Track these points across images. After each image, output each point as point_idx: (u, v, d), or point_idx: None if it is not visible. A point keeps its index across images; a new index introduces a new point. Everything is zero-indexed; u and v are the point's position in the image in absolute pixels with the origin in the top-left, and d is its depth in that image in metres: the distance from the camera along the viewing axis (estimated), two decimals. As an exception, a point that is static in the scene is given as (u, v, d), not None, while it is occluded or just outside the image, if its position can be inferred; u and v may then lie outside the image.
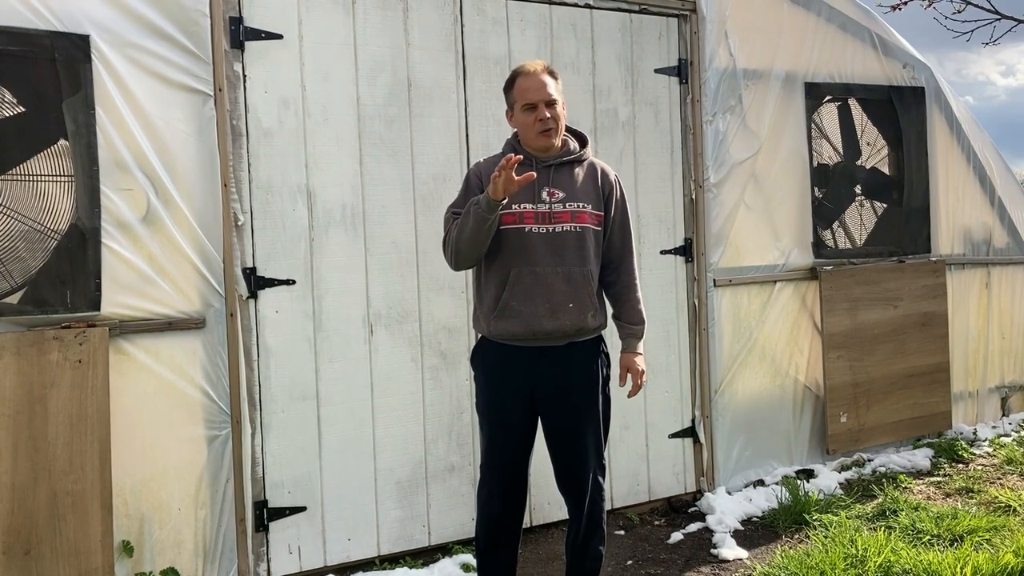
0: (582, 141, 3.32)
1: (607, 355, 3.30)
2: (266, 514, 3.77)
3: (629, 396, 3.32)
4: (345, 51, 3.91)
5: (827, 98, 5.41)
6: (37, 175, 3.33)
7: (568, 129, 3.31)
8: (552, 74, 3.18)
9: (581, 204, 3.17)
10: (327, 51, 3.86)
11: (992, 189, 6.12)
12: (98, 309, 3.39)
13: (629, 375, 3.31)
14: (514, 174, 2.88)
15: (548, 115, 3.10)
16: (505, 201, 2.97)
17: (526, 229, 3.10)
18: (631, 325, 3.33)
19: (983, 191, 6.10)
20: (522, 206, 3.11)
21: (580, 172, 3.23)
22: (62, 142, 3.35)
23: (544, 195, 3.14)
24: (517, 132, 3.24)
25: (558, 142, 3.19)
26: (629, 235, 3.34)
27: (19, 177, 3.31)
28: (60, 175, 3.36)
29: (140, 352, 3.49)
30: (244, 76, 3.70)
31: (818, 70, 5.29)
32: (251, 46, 3.71)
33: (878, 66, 5.55)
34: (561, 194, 3.15)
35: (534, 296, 3.09)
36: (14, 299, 3.29)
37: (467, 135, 4.19)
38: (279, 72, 3.77)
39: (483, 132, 4.22)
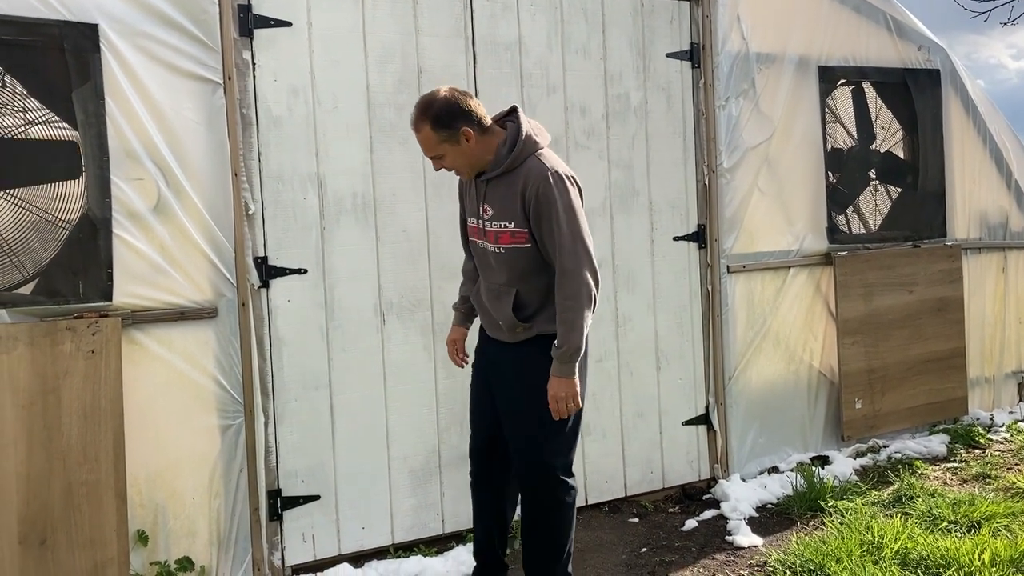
0: (514, 141, 3.02)
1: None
2: (280, 503, 3.77)
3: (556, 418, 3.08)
4: (354, 38, 3.88)
5: (841, 82, 5.36)
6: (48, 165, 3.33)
7: (512, 117, 3.09)
8: (434, 124, 2.96)
9: (504, 223, 3.04)
10: (336, 38, 3.84)
11: (1009, 172, 6.05)
12: (110, 299, 3.39)
13: None
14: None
15: (438, 165, 3.09)
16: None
17: (472, 240, 3.27)
18: (555, 345, 3.03)
19: (1000, 174, 6.03)
20: (471, 220, 3.23)
21: (509, 185, 3.02)
22: (72, 133, 3.35)
23: (481, 211, 3.13)
24: None
25: (471, 173, 3.12)
26: (556, 244, 2.98)
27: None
28: (71, 165, 3.35)
29: (153, 342, 3.49)
30: (253, 64, 3.68)
31: (832, 53, 5.23)
32: (260, 34, 3.69)
33: (893, 49, 5.49)
34: (491, 211, 3.08)
35: (481, 305, 3.29)
36: (27, 290, 3.30)
37: (478, 122, 4.15)
38: (288, 60, 3.75)
39: (494, 119, 4.19)
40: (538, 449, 3.14)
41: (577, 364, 3.03)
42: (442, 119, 2.97)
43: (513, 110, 3.13)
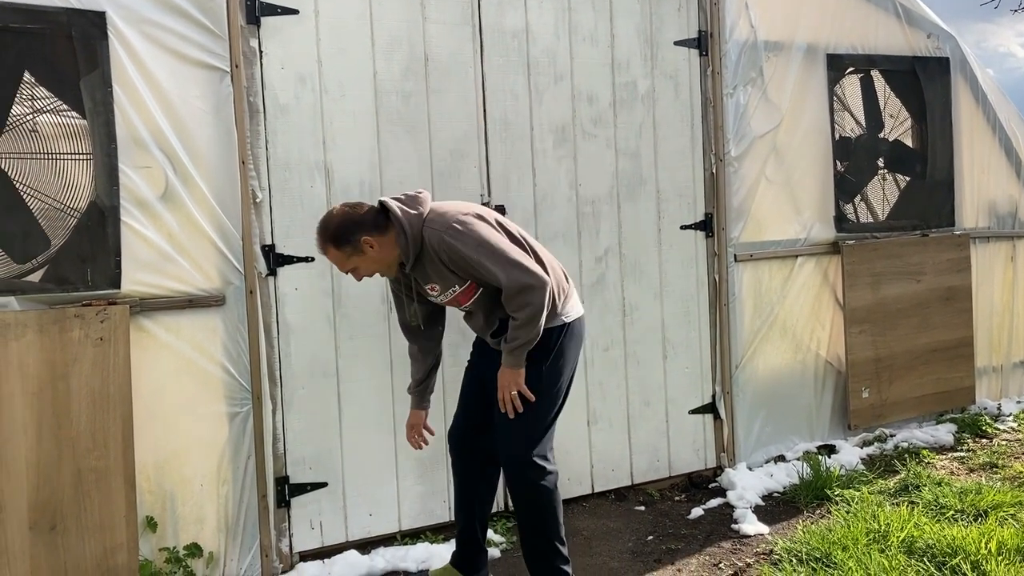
0: (401, 229, 3.09)
1: (545, 345, 3.21)
2: (288, 490, 3.79)
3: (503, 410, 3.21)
4: (361, 26, 3.88)
5: (849, 70, 5.33)
6: (56, 153, 3.34)
7: (385, 212, 3.14)
8: (336, 243, 3.09)
9: (451, 290, 3.18)
10: (343, 26, 3.84)
11: (1019, 161, 6.02)
12: (118, 287, 3.40)
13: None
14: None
15: (359, 276, 3.21)
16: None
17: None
18: (505, 339, 3.18)
19: (1009, 163, 6.00)
20: (429, 298, 3.31)
21: (428, 260, 3.13)
22: (80, 122, 3.35)
23: (429, 291, 3.23)
24: None
25: (391, 273, 3.23)
26: (489, 276, 3.07)
27: (38, 155, 3.31)
28: (78, 153, 3.37)
29: (161, 330, 3.50)
30: (260, 52, 3.68)
31: (840, 41, 5.21)
32: (267, 22, 3.68)
33: (902, 36, 5.45)
34: (437, 286, 3.20)
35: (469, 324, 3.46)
36: (35, 277, 3.32)
37: (484, 110, 4.15)
38: (295, 48, 3.75)
39: (500, 106, 4.19)
40: (517, 437, 3.23)
41: (524, 355, 3.15)
42: (341, 237, 3.09)
43: (382, 206, 3.16)
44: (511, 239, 3.16)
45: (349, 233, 3.08)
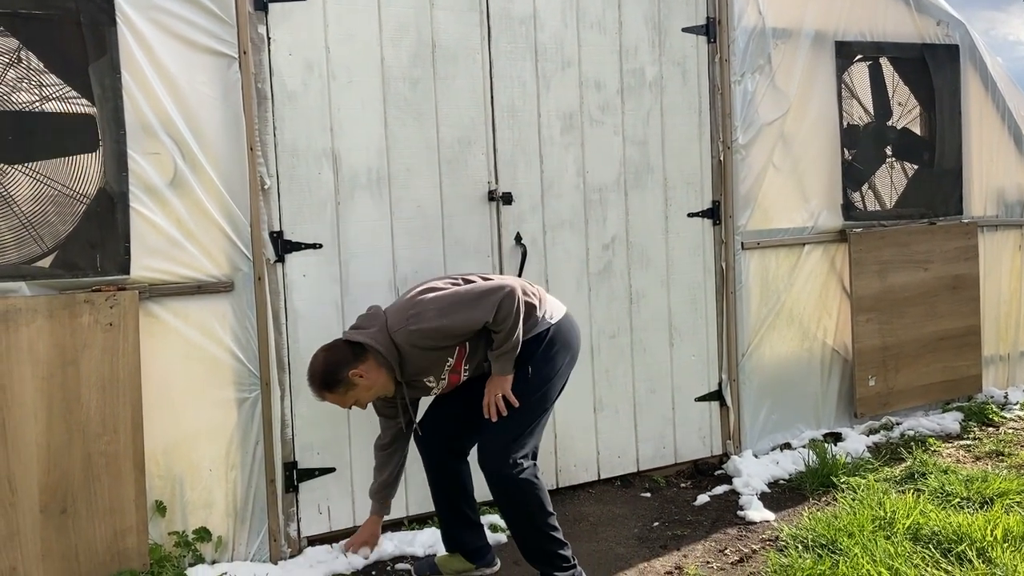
0: (385, 356, 3.18)
1: (531, 349, 3.29)
2: (296, 475, 3.81)
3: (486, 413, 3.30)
4: (369, 12, 3.87)
5: (858, 57, 5.31)
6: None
7: (358, 344, 3.22)
8: (328, 388, 3.20)
9: (445, 368, 3.27)
10: (351, 13, 3.84)
11: (1027, 149, 6.00)
12: (127, 273, 3.42)
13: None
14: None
15: (364, 407, 3.35)
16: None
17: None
18: (491, 350, 3.29)
19: (1018, 151, 5.97)
20: (434, 392, 3.41)
21: (412, 362, 3.21)
22: (89, 108, 3.36)
23: (428, 385, 3.32)
24: None
25: (392, 390, 3.29)
26: (468, 324, 3.18)
27: (48, 141, 3.33)
28: (88, 139, 3.37)
29: (170, 315, 3.52)
30: (268, 39, 3.68)
31: (848, 28, 5.19)
32: (275, 8, 3.68)
33: (911, 23, 5.43)
34: (432, 378, 3.29)
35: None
36: (45, 263, 3.33)
37: (492, 96, 4.15)
38: (303, 34, 3.75)
39: (508, 93, 4.19)
40: (498, 440, 3.28)
41: (512, 361, 3.25)
42: (330, 380, 3.20)
43: (350, 341, 3.24)
44: (457, 284, 3.29)
45: (336, 373, 3.18)
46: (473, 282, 3.30)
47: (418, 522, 4.06)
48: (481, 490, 4.11)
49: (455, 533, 3.62)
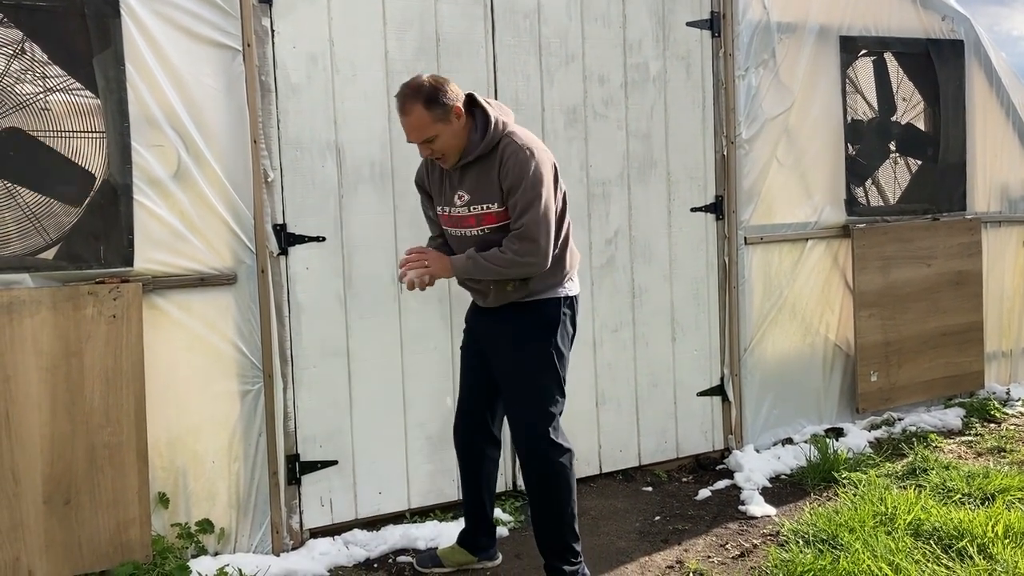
0: (485, 125, 3.10)
1: (554, 315, 3.23)
2: (298, 467, 3.82)
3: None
4: (373, 5, 3.87)
5: (862, 52, 5.30)
6: (69, 131, 3.35)
7: (476, 106, 3.14)
8: (427, 103, 3.01)
9: (485, 205, 3.13)
10: (355, 5, 3.83)
11: (1031, 145, 5.99)
12: (131, 265, 3.42)
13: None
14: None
15: (430, 151, 3.12)
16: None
17: (446, 230, 3.30)
18: (468, 255, 3.15)
19: (1022, 147, 5.96)
20: (443, 209, 3.28)
21: (486, 166, 3.10)
22: (93, 101, 3.36)
23: (456, 199, 3.19)
24: None
25: (453, 160, 3.14)
26: (514, 210, 3.06)
27: (52, 133, 3.33)
28: (92, 131, 3.38)
29: (173, 307, 3.52)
30: (272, 31, 3.68)
31: (853, 23, 5.17)
32: (279, 1, 3.68)
33: (916, 18, 5.42)
34: (467, 196, 3.16)
35: (466, 284, 3.34)
36: (49, 255, 3.34)
37: (495, 90, 4.15)
38: (307, 27, 3.74)
39: (511, 87, 4.18)
40: (532, 414, 3.22)
41: (469, 274, 3.15)
42: (434, 98, 3.02)
43: (471, 96, 3.17)
44: (559, 215, 3.16)
45: (443, 93, 3.02)
46: (560, 230, 3.17)
47: (420, 515, 4.07)
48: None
49: (469, 519, 3.59)
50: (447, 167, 3.19)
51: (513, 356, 3.25)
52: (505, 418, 3.41)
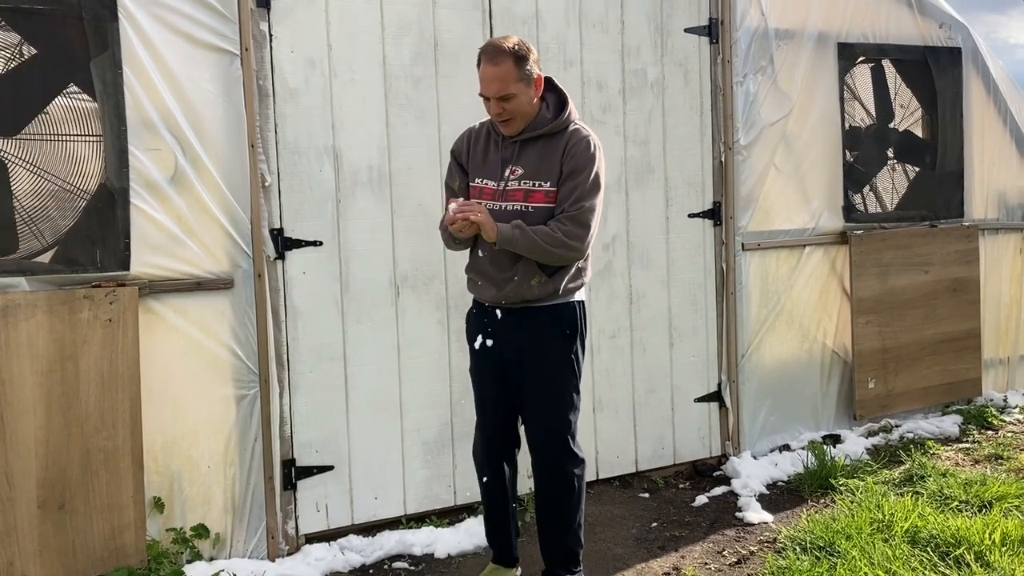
0: (560, 106, 3.16)
1: (573, 320, 3.20)
2: (294, 472, 3.81)
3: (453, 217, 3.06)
4: (371, 10, 3.87)
5: (860, 59, 5.31)
6: (66, 134, 3.35)
7: (552, 89, 3.18)
8: (517, 56, 3.01)
9: (538, 183, 3.10)
10: (353, 10, 3.83)
11: (1029, 153, 6.00)
12: (127, 269, 3.41)
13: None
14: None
15: (501, 109, 3.06)
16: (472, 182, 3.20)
17: (482, 204, 3.15)
18: (518, 223, 3.08)
19: (1019, 155, 5.97)
20: (484, 182, 3.21)
21: (549, 146, 3.11)
22: (90, 104, 3.36)
23: (506, 172, 3.16)
24: None
25: (518, 128, 3.12)
26: (572, 193, 3.06)
27: (48, 136, 3.32)
28: (89, 135, 3.37)
29: (169, 312, 3.51)
30: (270, 35, 3.68)
31: (851, 30, 5.18)
32: (277, 5, 3.68)
33: (914, 26, 5.42)
34: (520, 171, 3.13)
35: (484, 269, 3.22)
36: (45, 258, 3.33)
37: (494, 96, 4.14)
38: (305, 32, 3.74)
39: (510, 93, 4.18)
40: (557, 422, 3.20)
41: (515, 245, 3.05)
42: (523, 57, 3.03)
43: (549, 79, 3.19)
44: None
45: (532, 59, 3.05)
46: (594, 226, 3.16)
47: (416, 521, 4.06)
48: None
49: (502, 535, 3.48)
50: (508, 132, 3.13)
51: (541, 360, 3.19)
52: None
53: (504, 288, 3.17)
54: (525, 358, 3.21)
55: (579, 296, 3.25)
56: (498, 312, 3.24)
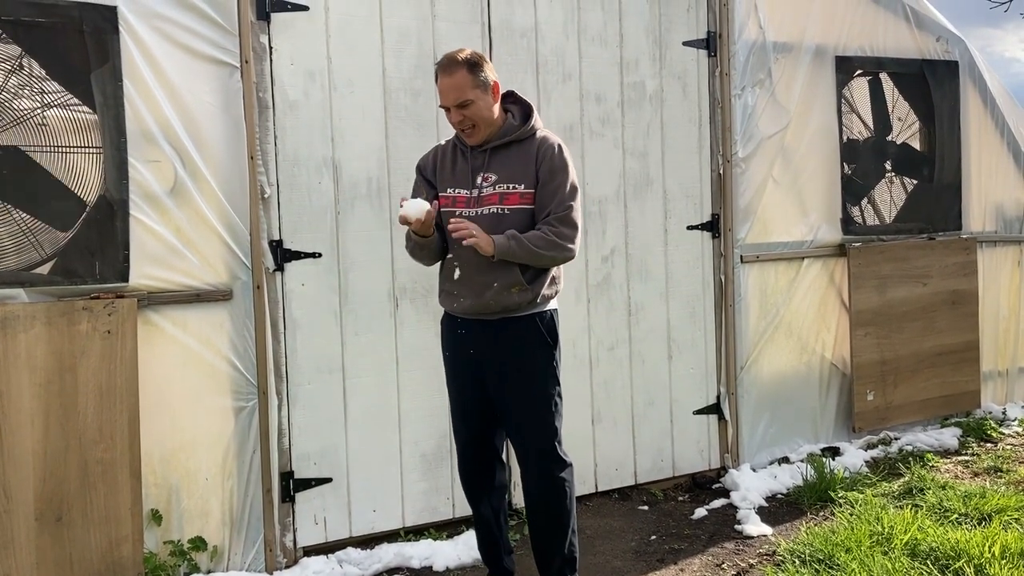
0: (526, 116, 3.24)
1: (552, 328, 3.23)
2: (292, 485, 3.80)
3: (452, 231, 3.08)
4: (371, 23, 3.89)
5: (858, 72, 5.33)
6: (66, 146, 3.36)
7: (512, 99, 3.28)
8: (471, 64, 3.09)
9: (512, 185, 3.15)
10: (353, 23, 3.85)
11: (1026, 165, 6.02)
12: (126, 280, 3.41)
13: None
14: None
15: (462, 116, 3.12)
16: (438, 201, 3.19)
17: (456, 212, 3.19)
18: (512, 234, 3.10)
19: (1017, 167, 5.99)
20: (456, 191, 3.24)
21: (521, 151, 3.18)
22: (90, 116, 3.36)
23: (479, 180, 3.20)
24: None
25: (482, 136, 3.17)
26: (554, 196, 3.12)
27: (48, 148, 3.33)
28: (89, 147, 3.38)
29: (168, 323, 3.51)
30: (270, 48, 3.69)
31: (849, 43, 5.21)
32: (277, 18, 3.69)
33: (911, 39, 5.45)
34: (494, 176, 3.18)
35: (460, 277, 3.22)
36: (44, 270, 3.33)
37: (493, 108, 4.15)
38: (305, 44, 3.76)
39: (509, 105, 4.19)
40: (544, 429, 3.21)
41: (508, 255, 3.07)
42: (476, 64, 3.11)
43: (511, 92, 3.31)
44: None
45: (483, 66, 3.13)
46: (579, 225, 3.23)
47: (414, 533, 4.05)
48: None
49: (494, 556, 3.50)
50: (473, 142, 3.19)
51: (525, 370, 3.20)
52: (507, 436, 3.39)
53: (484, 295, 3.16)
54: (508, 369, 3.22)
55: (553, 304, 3.28)
56: (476, 324, 3.23)
